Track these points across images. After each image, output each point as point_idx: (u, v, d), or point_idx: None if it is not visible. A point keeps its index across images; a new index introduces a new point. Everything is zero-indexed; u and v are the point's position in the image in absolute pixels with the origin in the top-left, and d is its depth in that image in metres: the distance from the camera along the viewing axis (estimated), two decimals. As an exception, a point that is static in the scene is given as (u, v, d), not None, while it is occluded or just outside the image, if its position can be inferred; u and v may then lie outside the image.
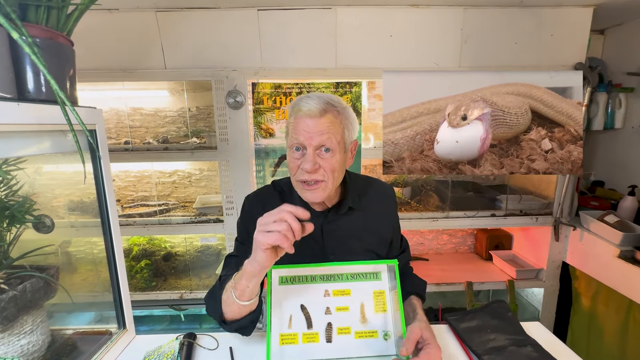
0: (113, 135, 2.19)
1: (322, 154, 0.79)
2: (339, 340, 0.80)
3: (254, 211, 0.89)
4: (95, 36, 1.67)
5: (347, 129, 0.83)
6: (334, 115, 0.80)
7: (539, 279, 2.03)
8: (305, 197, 0.84)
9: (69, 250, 1.42)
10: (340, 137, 0.81)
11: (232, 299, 0.72)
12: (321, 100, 0.79)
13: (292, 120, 0.81)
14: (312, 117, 0.77)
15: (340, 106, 0.82)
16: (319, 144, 0.78)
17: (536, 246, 2.09)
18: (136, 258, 2.10)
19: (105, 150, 0.77)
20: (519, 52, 1.77)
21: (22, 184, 0.79)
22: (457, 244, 2.44)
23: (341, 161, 0.83)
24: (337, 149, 0.80)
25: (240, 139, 1.78)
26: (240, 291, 0.71)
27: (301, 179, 0.81)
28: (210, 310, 0.82)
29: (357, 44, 1.73)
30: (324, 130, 0.77)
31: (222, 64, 1.73)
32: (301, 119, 0.78)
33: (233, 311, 0.76)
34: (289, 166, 0.85)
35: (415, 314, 0.84)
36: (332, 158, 0.80)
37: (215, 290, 0.81)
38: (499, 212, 1.98)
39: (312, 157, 0.78)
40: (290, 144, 0.82)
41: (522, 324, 0.89)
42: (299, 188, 0.84)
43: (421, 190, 2.16)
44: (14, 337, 0.73)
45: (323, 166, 0.80)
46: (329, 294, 0.83)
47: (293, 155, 0.81)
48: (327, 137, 0.78)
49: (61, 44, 0.70)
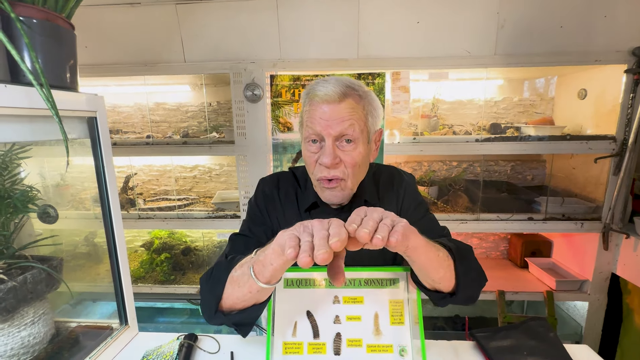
0: (138, 130, 2.23)
1: (343, 146, 0.70)
2: (348, 354, 0.71)
3: (266, 191, 0.84)
4: (117, 31, 1.69)
5: (370, 116, 0.73)
6: (355, 100, 0.70)
7: (583, 291, 1.82)
8: (324, 197, 0.75)
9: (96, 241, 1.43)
10: (364, 125, 0.71)
11: (248, 276, 0.57)
12: (340, 83, 0.69)
13: (307, 108, 0.72)
14: (330, 102, 0.68)
15: (361, 90, 0.72)
16: (339, 134, 0.68)
17: (580, 255, 1.87)
18: (157, 251, 2.13)
19: (107, 138, 0.74)
20: (565, 36, 1.58)
21: (28, 173, 0.78)
22: (489, 248, 2.26)
23: (365, 154, 0.73)
24: (360, 139, 0.71)
25: (258, 133, 1.73)
26: (262, 266, 0.55)
27: (320, 177, 0.72)
28: (207, 294, 0.68)
29: (381, 32, 1.63)
30: (344, 117, 0.68)
31: (240, 56, 1.69)
32: (317, 105, 0.69)
33: (240, 295, 0.62)
34: (305, 162, 0.76)
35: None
36: (354, 150, 0.70)
37: (219, 270, 0.67)
38: (537, 216, 1.79)
39: (331, 149, 0.68)
40: (306, 136, 0.73)
41: (566, 346, 0.76)
42: (318, 186, 0.75)
43: (449, 189, 2.01)
44: (14, 329, 0.72)
45: (344, 160, 0.70)
46: (338, 300, 0.75)
47: (309, 149, 0.72)
48: (349, 125, 0.68)
49: (59, 27, 0.67)
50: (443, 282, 0.65)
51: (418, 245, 0.56)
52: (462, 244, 0.73)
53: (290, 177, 0.86)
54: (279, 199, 0.83)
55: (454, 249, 0.66)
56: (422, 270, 0.64)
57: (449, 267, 0.64)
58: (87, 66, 1.74)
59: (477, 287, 0.72)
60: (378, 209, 0.51)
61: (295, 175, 0.86)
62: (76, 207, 1.25)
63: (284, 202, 0.82)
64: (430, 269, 0.62)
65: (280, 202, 0.82)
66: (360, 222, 0.48)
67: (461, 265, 0.65)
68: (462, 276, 0.65)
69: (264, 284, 0.57)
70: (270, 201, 0.82)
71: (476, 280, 0.71)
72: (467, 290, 0.69)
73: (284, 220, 0.81)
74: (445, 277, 0.64)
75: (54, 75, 0.65)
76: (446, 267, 0.64)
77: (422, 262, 0.60)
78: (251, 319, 0.68)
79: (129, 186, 2.10)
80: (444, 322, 2.29)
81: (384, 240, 0.46)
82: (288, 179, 0.85)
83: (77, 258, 1.13)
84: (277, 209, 0.82)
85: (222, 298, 0.65)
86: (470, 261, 0.70)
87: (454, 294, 0.68)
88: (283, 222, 0.81)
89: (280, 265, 0.54)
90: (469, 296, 0.71)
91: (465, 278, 0.66)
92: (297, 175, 0.86)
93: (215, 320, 0.66)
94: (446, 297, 0.68)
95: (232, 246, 0.78)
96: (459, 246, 0.70)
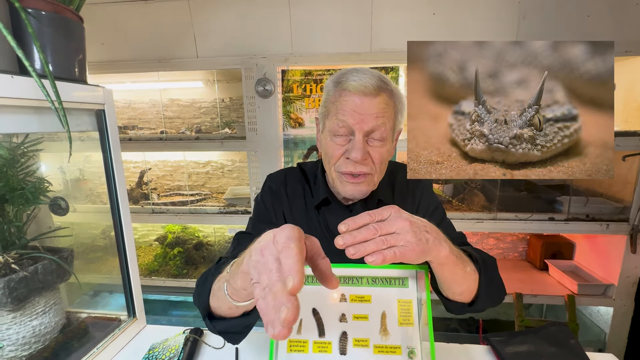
0: (153, 126, 2.27)
1: (373, 142, 0.67)
2: (354, 354, 0.69)
3: (272, 187, 0.81)
4: (132, 27, 1.72)
5: (400, 114, 0.70)
6: (388, 95, 0.66)
7: (608, 296, 1.73)
8: (345, 192, 0.71)
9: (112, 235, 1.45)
10: (393, 124, 0.68)
11: (224, 295, 0.50)
12: (375, 76, 0.65)
13: (336, 97, 0.67)
14: (367, 94, 0.64)
15: (392, 86, 0.68)
16: (371, 129, 0.65)
17: (605, 258, 1.78)
18: (170, 245, 2.16)
19: (115, 131, 0.74)
20: (593, 26, 1.49)
21: (39, 166, 0.79)
22: (506, 249, 2.18)
23: (391, 151, 0.71)
24: (388, 138, 0.68)
25: (269, 129, 1.72)
26: (233, 290, 0.49)
27: (345, 171, 0.68)
28: (196, 299, 0.62)
29: (395, 24, 1.58)
30: (379, 113, 0.64)
31: (252, 51, 1.68)
32: (350, 96, 0.65)
33: (222, 307, 0.57)
34: (327, 154, 0.71)
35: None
36: (382, 147, 0.67)
37: (207, 276, 0.61)
38: (559, 216, 1.71)
39: (362, 144, 0.65)
40: (332, 128, 0.67)
41: (589, 354, 0.71)
42: (338, 180, 0.71)
43: (465, 187, 1.95)
44: (25, 318, 0.74)
45: (373, 156, 0.67)
46: (345, 298, 0.72)
47: (335, 141, 0.68)
48: (382, 122, 0.65)
49: (67, 19, 0.67)
50: (464, 295, 0.63)
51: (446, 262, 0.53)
52: (486, 255, 0.69)
53: (298, 173, 0.83)
54: (286, 195, 0.80)
55: (480, 261, 0.63)
56: (446, 284, 0.61)
57: (475, 281, 0.61)
58: (104, 63, 1.78)
59: (495, 301, 0.68)
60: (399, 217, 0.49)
61: (303, 171, 0.84)
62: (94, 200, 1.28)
63: (291, 199, 0.80)
64: (455, 284, 0.60)
65: (288, 199, 0.80)
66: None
67: (485, 279, 0.62)
68: (485, 290, 0.62)
69: (241, 303, 0.49)
70: (277, 198, 0.80)
71: (496, 295, 0.68)
72: (486, 303, 0.66)
73: (290, 217, 0.79)
74: (468, 289, 0.62)
75: (62, 67, 0.65)
76: (471, 282, 0.61)
77: (449, 277, 0.57)
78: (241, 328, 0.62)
79: (144, 181, 2.14)
80: (458, 324, 2.23)
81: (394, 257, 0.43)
82: (296, 175, 0.83)
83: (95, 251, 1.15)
84: (284, 206, 0.80)
85: (211, 307, 0.60)
86: (494, 275, 0.67)
87: (472, 303, 0.64)
88: (290, 219, 0.79)
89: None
90: (483, 308, 0.67)
91: (486, 292, 0.62)
92: (305, 170, 0.83)
93: (209, 327, 0.61)
94: (464, 307, 0.65)
95: (237, 245, 0.76)
96: (485, 259, 0.66)
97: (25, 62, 0.46)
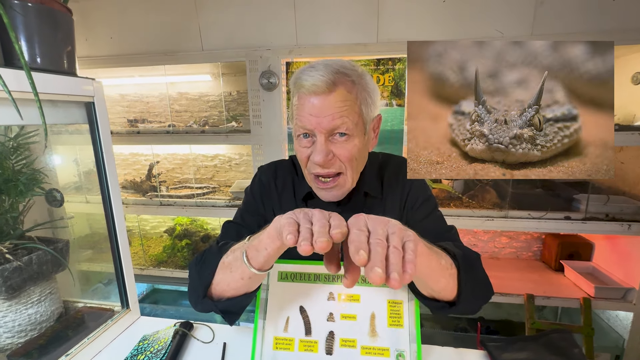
0: (162, 120, 2.30)
1: (337, 139, 0.64)
2: (341, 354, 0.67)
3: (262, 179, 0.81)
4: (139, 21, 1.73)
5: (364, 105, 0.66)
6: (347, 88, 0.63)
7: (628, 300, 1.63)
8: (321, 197, 0.71)
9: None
10: (358, 117, 0.65)
11: (241, 261, 0.55)
12: (328, 70, 0.61)
13: (295, 101, 0.67)
14: (319, 93, 0.61)
15: (354, 73, 0.64)
16: (331, 129, 0.63)
17: (626, 260, 1.67)
18: (179, 237, 2.20)
19: (106, 124, 0.74)
20: (619, 11, 1.38)
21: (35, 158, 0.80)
22: (519, 248, 2.09)
23: (361, 146, 0.67)
24: (354, 133, 0.65)
25: (273, 122, 1.71)
26: (255, 251, 0.53)
27: (314, 173, 0.67)
28: (195, 279, 0.65)
29: (403, 13, 1.52)
30: (335, 112, 0.62)
31: (256, 43, 1.66)
32: (305, 98, 0.63)
33: (231, 281, 0.59)
34: (298, 158, 0.71)
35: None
36: (348, 143, 0.65)
37: (210, 255, 0.65)
38: (576, 215, 1.61)
39: (323, 145, 0.63)
40: (296, 132, 0.68)
41: (594, 365, 0.66)
42: (313, 184, 0.71)
43: (476, 184, 1.87)
44: (21, 306, 0.75)
45: (338, 154, 0.65)
46: (333, 297, 0.70)
47: (300, 144, 0.67)
48: (341, 121, 0.62)
49: (55, 10, 0.66)
50: (443, 292, 0.59)
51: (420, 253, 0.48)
52: (469, 250, 0.65)
53: (289, 165, 0.82)
54: (276, 187, 0.79)
55: (459, 256, 0.59)
56: (421, 280, 0.57)
57: (452, 276, 0.57)
58: (112, 57, 1.80)
59: (480, 300, 0.64)
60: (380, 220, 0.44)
61: (294, 162, 0.82)
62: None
63: (281, 191, 0.79)
64: (430, 278, 0.56)
65: (277, 191, 0.79)
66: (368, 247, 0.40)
67: (465, 274, 0.58)
68: (466, 287, 0.58)
69: (256, 269, 0.55)
70: (266, 190, 0.79)
71: (480, 292, 0.63)
72: (469, 303, 0.61)
73: (279, 209, 0.78)
74: (447, 287, 0.57)
75: (49, 59, 0.65)
76: (448, 276, 0.56)
77: (422, 271, 0.53)
78: (239, 308, 0.65)
79: (153, 174, 2.18)
80: (467, 323, 2.17)
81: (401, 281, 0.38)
82: (286, 167, 0.82)
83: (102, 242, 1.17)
84: (273, 198, 0.79)
85: (212, 284, 0.63)
86: (476, 271, 0.63)
87: (454, 304, 0.60)
88: (279, 211, 0.77)
89: (274, 251, 0.52)
90: (470, 308, 0.63)
91: (468, 289, 0.58)
92: (295, 162, 0.82)
93: (202, 305, 0.64)
94: (445, 307, 0.61)
95: (225, 233, 0.76)
96: (465, 253, 0.62)
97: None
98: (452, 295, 0.59)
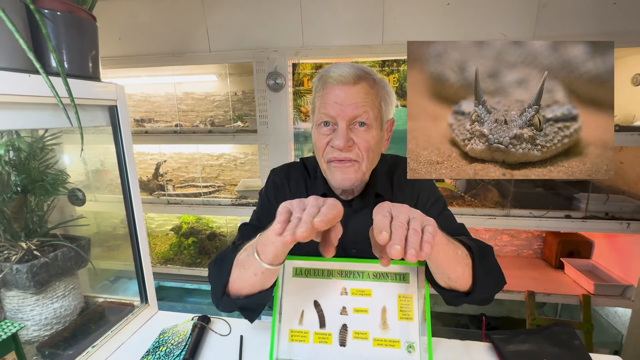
0: (168, 119, 2.33)
1: (357, 129, 0.68)
2: (354, 346, 0.70)
3: (276, 181, 0.84)
4: (148, 22, 1.75)
5: (384, 102, 0.71)
6: (369, 84, 0.68)
7: (626, 297, 1.67)
8: (335, 179, 0.72)
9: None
10: (377, 112, 0.70)
11: (252, 257, 0.57)
12: (354, 67, 0.68)
13: (320, 93, 0.70)
14: (345, 84, 0.67)
15: (375, 75, 0.71)
16: (353, 117, 0.67)
17: (625, 257, 1.71)
18: (185, 235, 2.24)
19: (127, 127, 0.77)
20: (619, 14, 1.41)
21: (58, 159, 0.84)
22: (520, 246, 2.13)
23: (378, 139, 0.71)
24: (373, 125, 0.69)
25: (280, 122, 1.74)
26: (263, 245, 0.56)
27: (331, 157, 0.70)
28: (214, 278, 0.69)
29: (408, 15, 1.55)
30: (359, 102, 0.66)
31: (263, 44, 1.69)
32: (331, 88, 0.68)
33: (246, 278, 0.62)
34: (315, 146, 0.74)
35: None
36: (367, 134, 0.68)
37: (226, 254, 0.68)
38: (577, 214, 1.65)
39: (345, 131, 0.67)
40: (318, 120, 0.71)
41: (596, 356, 0.70)
42: (328, 170, 0.73)
43: (478, 183, 1.91)
44: (47, 300, 0.79)
45: (357, 143, 0.68)
46: (346, 292, 0.74)
47: (320, 132, 0.71)
48: (363, 110, 0.67)
49: (81, 18, 0.69)
50: (459, 281, 0.63)
51: (438, 242, 0.53)
52: (482, 243, 0.69)
53: (301, 167, 0.85)
54: (289, 189, 0.82)
55: (473, 247, 0.63)
56: (439, 268, 0.61)
57: (467, 265, 0.61)
58: (123, 57, 1.83)
59: (493, 289, 0.68)
60: (403, 207, 0.48)
61: (305, 165, 0.85)
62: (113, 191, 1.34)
63: (295, 193, 0.82)
64: (448, 267, 0.60)
65: (291, 193, 0.82)
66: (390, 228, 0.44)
67: (480, 265, 0.62)
68: (480, 276, 0.62)
69: (267, 264, 0.56)
70: (280, 192, 0.82)
71: (494, 281, 0.68)
72: (484, 291, 0.65)
73: None
74: (463, 276, 0.62)
75: (77, 65, 0.68)
76: (464, 265, 0.61)
77: (440, 260, 0.57)
78: (257, 306, 0.69)
79: (160, 173, 2.21)
80: (469, 320, 2.21)
81: (417, 256, 0.42)
82: (298, 169, 0.84)
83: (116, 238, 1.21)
84: (287, 199, 0.82)
85: (229, 282, 0.65)
86: (489, 261, 0.67)
87: (469, 293, 0.64)
88: None
89: (280, 244, 0.53)
90: (484, 297, 0.67)
91: (482, 278, 0.62)
92: (307, 165, 0.85)
93: (223, 303, 0.67)
94: (460, 297, 0.65)
95: (242, 235, 0.79)
96: (479, 245, 0.66)
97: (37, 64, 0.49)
98: (468, 285, 0.63)
